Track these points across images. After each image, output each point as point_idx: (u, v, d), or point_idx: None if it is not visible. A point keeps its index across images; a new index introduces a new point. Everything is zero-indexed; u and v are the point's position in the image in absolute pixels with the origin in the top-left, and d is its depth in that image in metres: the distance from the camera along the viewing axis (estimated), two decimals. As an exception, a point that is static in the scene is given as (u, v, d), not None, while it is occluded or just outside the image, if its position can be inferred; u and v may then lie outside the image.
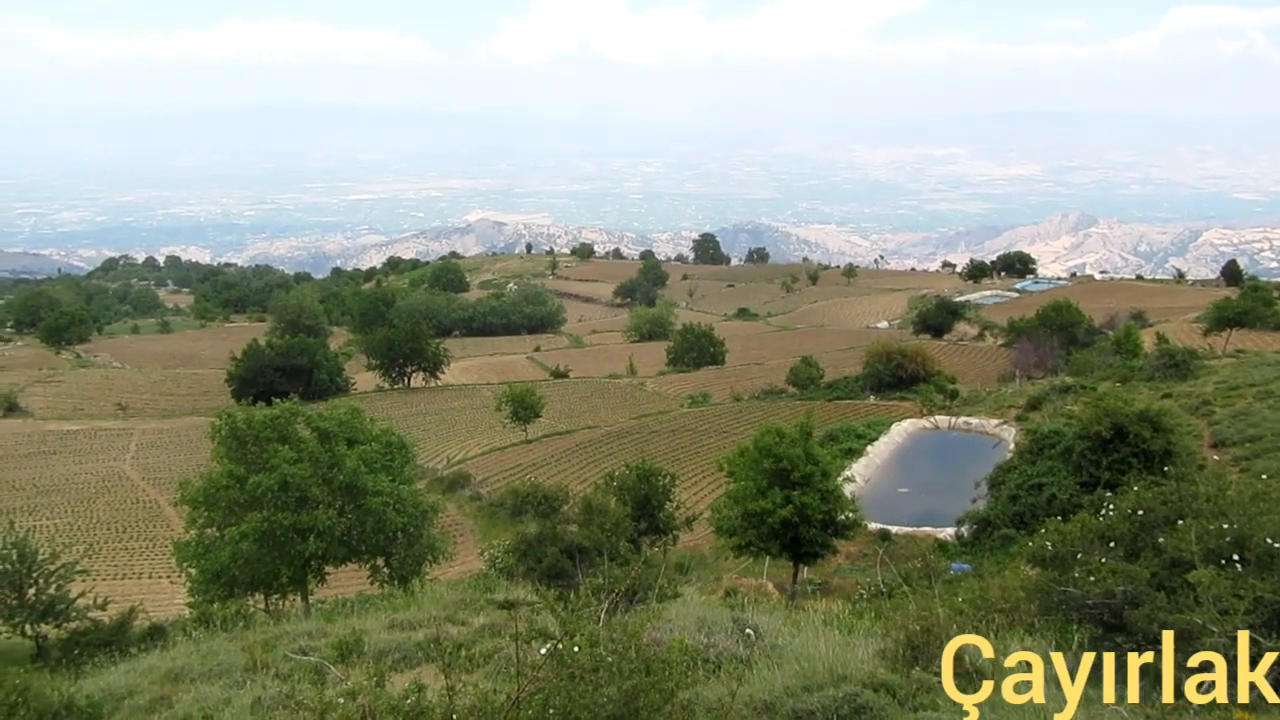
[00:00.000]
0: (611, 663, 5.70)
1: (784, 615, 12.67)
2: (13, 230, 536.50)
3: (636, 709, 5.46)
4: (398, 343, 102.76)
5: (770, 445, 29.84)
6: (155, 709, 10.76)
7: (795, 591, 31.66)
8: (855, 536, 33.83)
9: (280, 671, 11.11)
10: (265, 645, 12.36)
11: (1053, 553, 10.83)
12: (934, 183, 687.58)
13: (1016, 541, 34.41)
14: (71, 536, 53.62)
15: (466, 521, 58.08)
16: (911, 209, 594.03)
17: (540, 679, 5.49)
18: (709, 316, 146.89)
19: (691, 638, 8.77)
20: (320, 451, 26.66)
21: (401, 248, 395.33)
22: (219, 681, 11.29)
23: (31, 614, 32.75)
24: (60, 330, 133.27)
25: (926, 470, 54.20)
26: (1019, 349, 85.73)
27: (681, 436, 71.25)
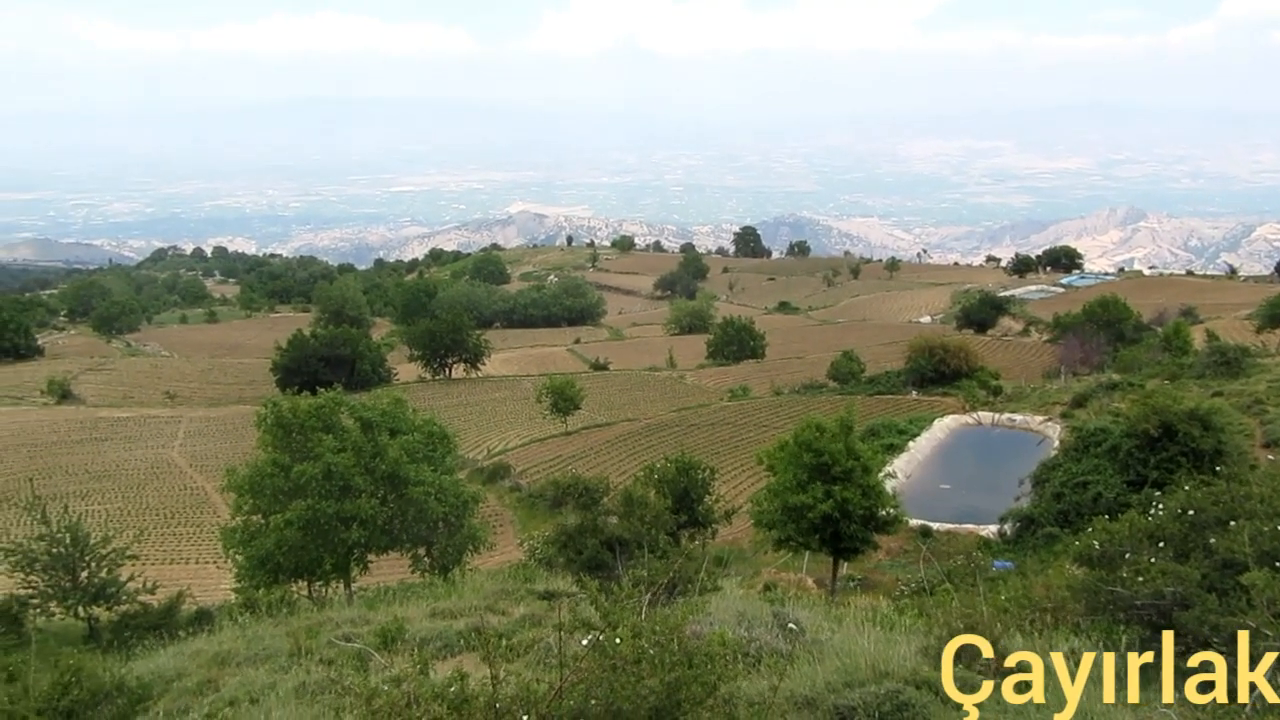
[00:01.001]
0: (653, 655, 5.71)
1: (824, 610, 12.61)
2: (66, 221, 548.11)
3: (678, 701, 5.46)
4: (439, 334, 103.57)
5: (810, 440, 29.65)
6: (203, 691, 10.95)
7: (835, 587, 31.49)
8: (896, 532, 33.50)
9: (324, 657, 11.26)
10: (309, 631, 12.53)
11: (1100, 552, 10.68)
12: (978, 176, 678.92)
13: (1061, 540, 33.98)
14: (122, 521, 54.78)
15: (506, 512, 58.45)
16: (955, 202, 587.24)
17: (583, 670, 5.51)
18: (749, 310, 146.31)
19: (732, 631, 8.76)
20: (363, 441, 26.93)
21: (443, 239, 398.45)
22: (264, 666, 11.47)
23: (84, 596, 33.46)
24: (111, 319, 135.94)
25: (969, 467, 53.63)
26: (1064, 345, 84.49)
27: (721, 430, 71.10)
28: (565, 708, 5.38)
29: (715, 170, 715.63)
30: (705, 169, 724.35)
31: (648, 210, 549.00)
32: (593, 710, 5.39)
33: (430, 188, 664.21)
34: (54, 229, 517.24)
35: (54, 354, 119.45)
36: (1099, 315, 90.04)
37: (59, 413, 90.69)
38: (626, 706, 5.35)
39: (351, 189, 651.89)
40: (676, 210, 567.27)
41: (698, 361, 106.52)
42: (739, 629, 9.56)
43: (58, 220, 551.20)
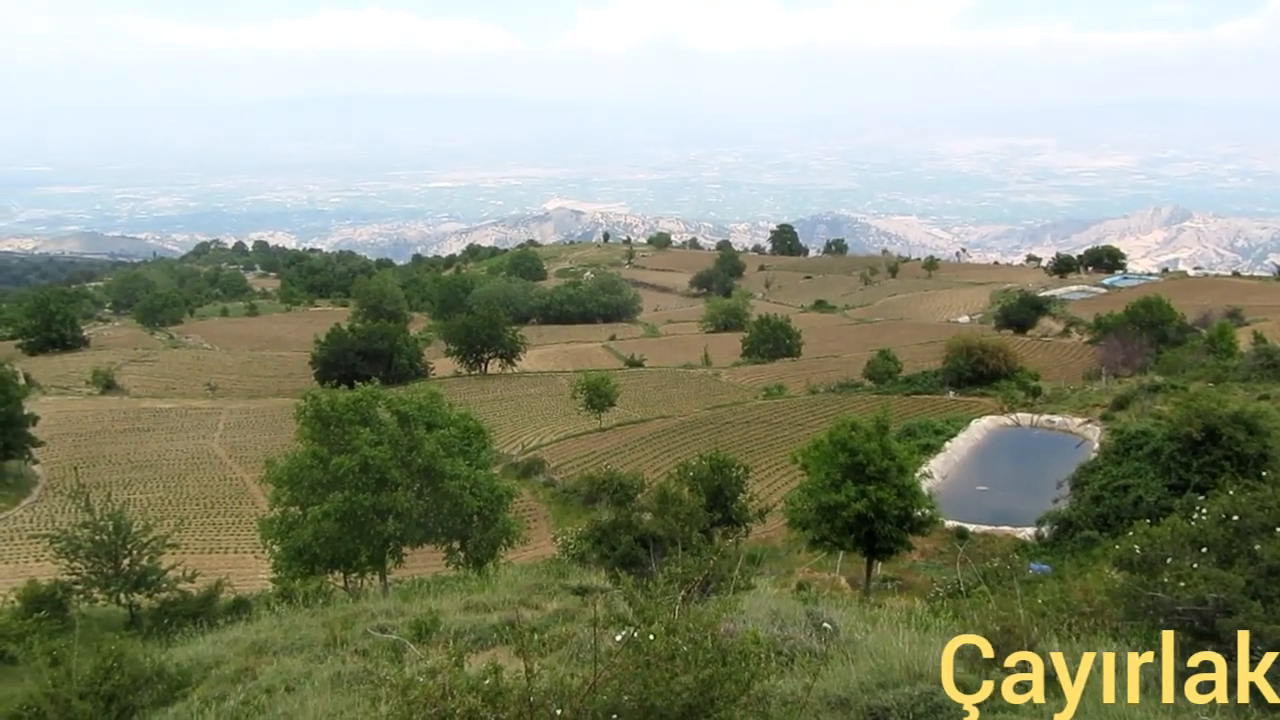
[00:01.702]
0: (687, 652, 5.71)
1: (858, 611, 12.55)
2: (112, 215, 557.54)
3: (712, 699, 5.45)
4: (476, 329, 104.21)
5: (846, 439, 29.50)
6: (240, 679, 11.09)
7: (869, 587, 31.31)
8: (931, 533, 33.25)
9: (359, 648, 11.37)
10: (345, 622, 12.66)
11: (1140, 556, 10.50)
12: (1020, 174, 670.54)
13: (1099, 544, 33.60)
14: (163, 511, 55.68)
15: (540, 507, 58.71)
16: (995, 201, 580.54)
17: (617, 665, 5.52)
18: (785, 308, 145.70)
19: (765, 630, 8.73)
20: (400, 434, 27.15)
21: (480, 235, 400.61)
22: (300, 655, 11.60)
23: (126, 583, 34.08)
24: (155, 312, 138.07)
25: (1006, 468, 53.09)
26: (1106, 346, 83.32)
27: (756, 428, 70.92)
28: (599, 702, 5.40)
29: (752, 168, 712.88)
30: (742, 166, 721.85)
31: (684, 207, 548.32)
32: (626, 706, 5.40)
33: (468, 184, 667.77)
34: (100, 222, 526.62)
35: (99, 345, 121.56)
36: (1142, 316, 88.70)
37: (103, 403, 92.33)
38: (660, 703, 5.35)
39: (391, 185, 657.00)
40: (713, 208, 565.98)
41: (733, 359, 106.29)
42: (772, 628, 9.53)
43: (104, 214, 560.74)
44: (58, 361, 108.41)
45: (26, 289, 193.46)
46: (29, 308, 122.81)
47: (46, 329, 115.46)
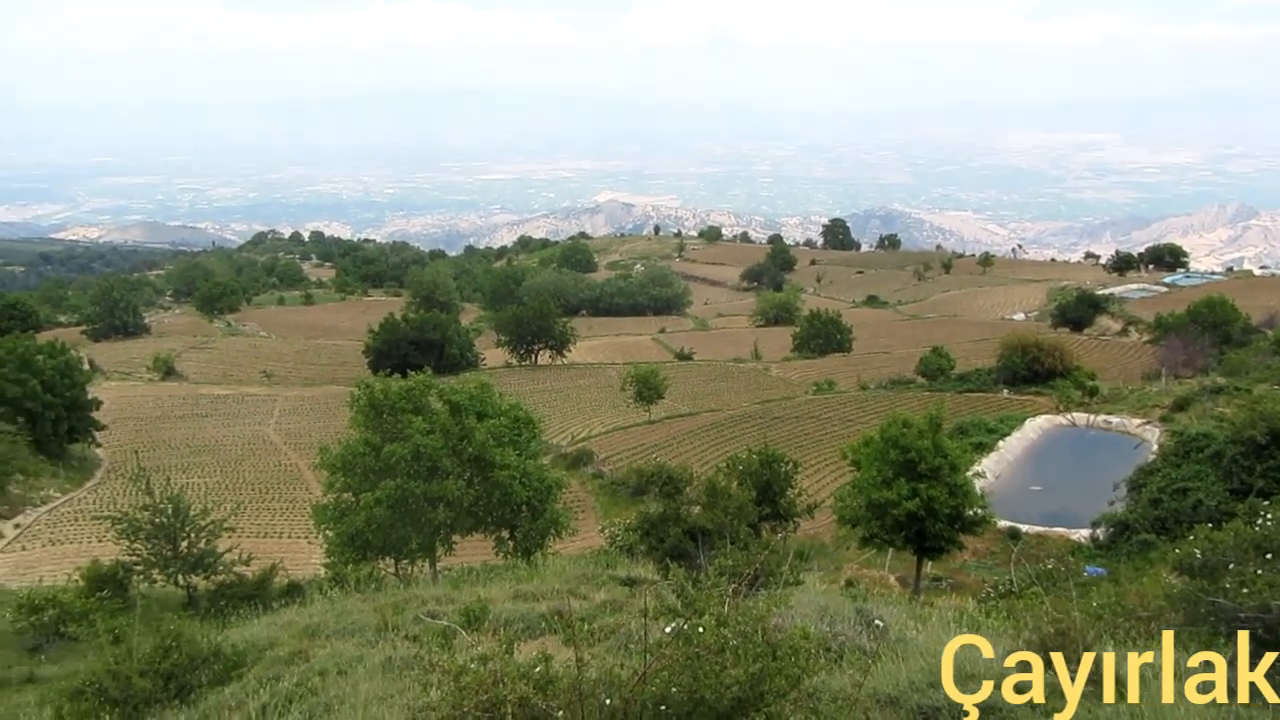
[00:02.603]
0: (736, 645, 5.69)
1: (908, 609, 12.42)
2: (174, 205, 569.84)
3: (761, 693, 5.43)
4: (526, 320, 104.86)
5: (897, 435, 29.22)
6: (294, 661, 11.26)
7: (919, 586, 31.01)
8: (983, 533, 32.81)
9: (410, 633, 11.50)
10: (396, 608, 12.81)
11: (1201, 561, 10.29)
12: (1079, 170, 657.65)
13: (1157, 547, 32.95)
14: (220, 495, 56.75)
15: (588, 498, 58.93)
16: (1053, 197, 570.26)
17: (666, 656, 5.52)
18: (837, 303, 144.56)
19: (814, 626, 8.68)
20: (451, 424, 27.41)
21: (532, 227, 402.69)
22: (352, 639, 11.75)
23: (184, 565, 34.91)
24: (213, 300, 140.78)
25: (1061, 469, 52.24)
26: (1166, 346, 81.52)
27: (805, 423, 70.53)
28: (648, 693, 5.40)
29: (805, 161, 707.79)
30: (795, 160, 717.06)
31: (735, 201, 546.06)
32: (675, 697, 5.40)
33: (520, 176, 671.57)
34: (162, 212, 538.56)
35: (160, 332, 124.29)
36: (1204, 316, 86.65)
37: (163, 388, 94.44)
38: (709, 695, 5.35)
39: (444, 176, 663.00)
40: (765, 201, 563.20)
41: (783, 354, 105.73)
42: (821, 624, 9.47)
43: (166, 203, 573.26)
44: (120, 348, 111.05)
45: (91, 277, 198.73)
46: (94, 295, 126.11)
47: (110, 316, 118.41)
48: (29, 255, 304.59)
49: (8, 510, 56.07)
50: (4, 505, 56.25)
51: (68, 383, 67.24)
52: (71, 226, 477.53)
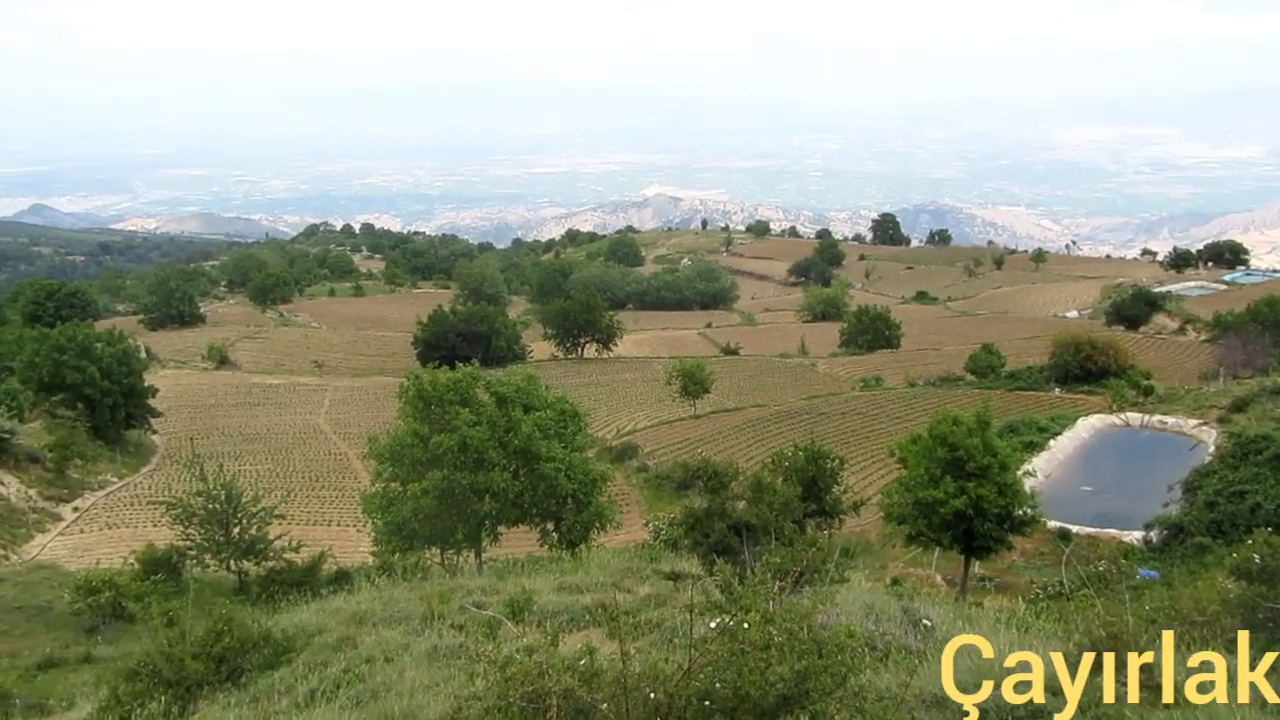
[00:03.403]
0: (782, 642, 5.66)
1: (954, 609, 12.28)
2: (229, 196, 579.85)
3: (807, 690, 5.40)
4: (573, 313, 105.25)
5: (946, 433, 28.87)
6: (341, 648, 11.43)
7: (966, 586, 30.65)
8: (1032, 533, 32.32)
9: (455, 623, 11.61)
10: (442, 597, 12.95)
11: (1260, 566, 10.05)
12: (1137, 164, 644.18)
13: (1212, 551, 32.27)
14: (271, 483, 57.72)
15: (633, 492, 59.01)
16: (1110, 192, 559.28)
17: (711, 652, 5.51)
18: (885, 299, 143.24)
19: (860, 624, 8.62)
20: (498, 415, 27.55)
21: (579, 220, 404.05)
22: (399, 627, 11.90)
23: (235, 550, 35.58)
24: (266, 290, 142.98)
25: (1113, 469, 51.34)
26: (1225, 345, 79.75)
27: (851, 419, 70.03)
28: (692, 688, 5.39)
29: (855, 156, 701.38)
30: (844, 154, 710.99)
31: (784, 195, 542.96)
32: (719, 693, 5.39)
33: (569, 169, 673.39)
34: (218, 203, 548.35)
35: (214, 321, 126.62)
36: (1265, 315, 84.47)
37: (217, 377, 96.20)
38: (754, 692, 5.33)
39: (493, 169, 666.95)
40: (813, 196, 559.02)
41: (830, 349, 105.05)
42: (867, 622, 9.39)
43: (221, 195, 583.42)
44: (176, 337, 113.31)
45: (149, 267, 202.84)
46: (151, 285, 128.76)
47: (166, 305, 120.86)
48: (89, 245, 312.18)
49: (67, 494, 57.50)
50: (63, 489, 57.68)
51: (125, 370, 68.68)
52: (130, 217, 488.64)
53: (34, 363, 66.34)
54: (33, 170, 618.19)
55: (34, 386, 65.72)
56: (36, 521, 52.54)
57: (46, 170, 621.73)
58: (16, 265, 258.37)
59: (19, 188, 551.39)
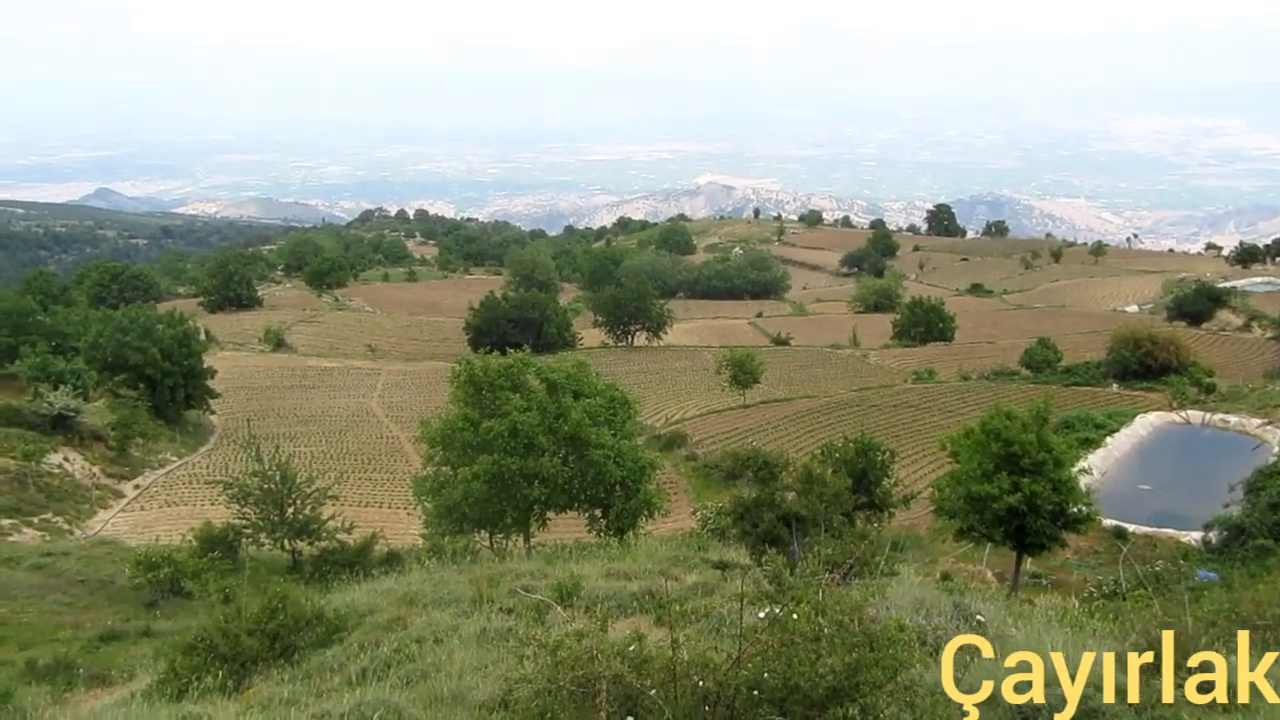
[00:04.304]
0: (832, 634, 5.62)
1: (1006, 606, 12.11)
2: (286, 182, 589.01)
3: (857, 683, 5.36)
4: (624, 301, 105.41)
5: (999, 428, 28.48)
6: (392, 628, 11.58)
7: (1017, 583, 30.25)
8: (1087, 531, 31.80)
9: (504, 606, 11.70)
10: (491, 580, 13.05)
11: (1326, 569, 9.77)
12: (1202, 156, 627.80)
13: (1276, 554, 31.50)
14: (324, 464, 58.55)
15: (680, 480, 58.99)
16: (1173, 184, 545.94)
17: (761, 642, 5.49)
18: (939, 290, 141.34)
19: (910, 619, 8.53)
20: (548, 402, 27.70)
21: (631, 208, 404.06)
22: (449, 609, 12.02)
23: (290, 530, 36.21)
24: (322, 275, 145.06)
25: (1172, 468, 50.39)
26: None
27: (903, 412, 69.34)
28: (741, 677, 5.38)
29: (910, 145, 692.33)
30: (900, 144, 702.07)
31: (838, 185, 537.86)
32: (768, 683, 5.37)
33: (621, 157, 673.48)
34: (276, 189, 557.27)
35: (271, 305, 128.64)
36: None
37: (274, 359, 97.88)
38: (804, 683, 5.30)
39: (546, 157, 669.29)
40: (868, 186, 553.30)
41: (882, 341, 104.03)
42: (917, 616, 9.30)
43: (279, 181, 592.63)
44: (234, 319, 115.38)
45: (208, 250, 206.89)
46: (210, 268, 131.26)
47: (225, 288, 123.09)
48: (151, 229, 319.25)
49: (128, 471, 58.96)
50: (125, 467, 59.15)
51: (185, 352, 70.13)
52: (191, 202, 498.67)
53: (98, 343, 68.02)
54: (98, 155, 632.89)
55: (98, 366, 67.40)
56: (99, 498, 53.98)
57: (111, 155, 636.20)
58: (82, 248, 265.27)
59: (85, 172, 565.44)
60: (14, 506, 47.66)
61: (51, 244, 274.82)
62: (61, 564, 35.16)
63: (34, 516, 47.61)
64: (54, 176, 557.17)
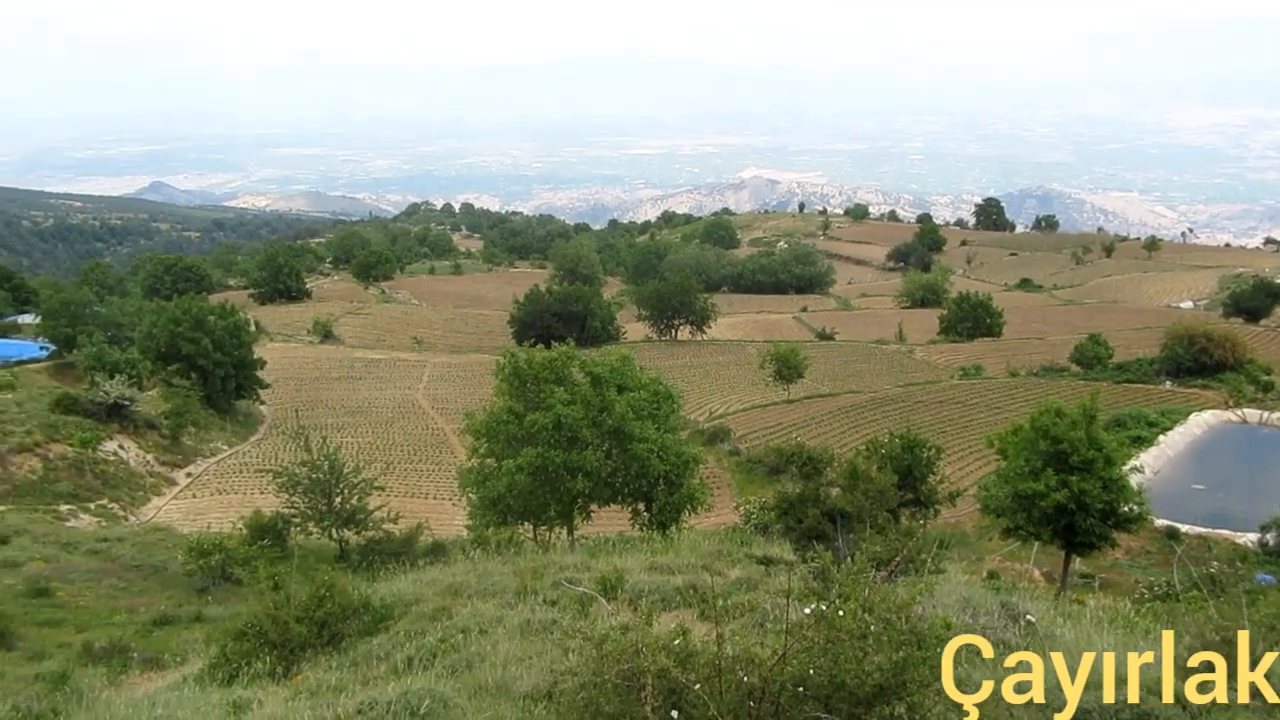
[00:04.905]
0: (878, 631, 5.58)
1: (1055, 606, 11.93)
2: (335, 176, 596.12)
3: (904, 682, 5.31)
4: (667, 295, 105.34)
5: (1048, 425, 28.07)
6: (437, 618, 11.68)
7: (1066, 582, 29.81)
8: (1138, 531, 31.27)
9: (548, 598, 11.75)
10: (535, 572, 13.12)
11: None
12: (1261, 149, 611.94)
13: (1335, 556, 30.69)
14: (371, 455, 59.26)
15: (723, 475, 58.91)
16: (1231, 178, 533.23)
17: (807, 638, 5.46)
18: (987, 285, 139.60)
19: (956, 617, 8.43)
20: (592, 395, 27.80)
21: (675, 202, 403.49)
22: (493, 600, 12.09)
23: (337, 519, 36.71)
24: (369, 268, 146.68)
25: (1228, 468, 49.32)
26: (1354, 341, 75.59)
27: (949, 408, 68.65)
28: (786, 674, 5.35)
29: (959, 138, 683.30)
30: (948, 136, 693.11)
31: (884, 179, 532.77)
32: (814, 680, 5.33)
33: (666, 151, 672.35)
34: (324, 182, 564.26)
35: (319, 297, 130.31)
36: (1400, 309, 79.85)
37: (322, 351, 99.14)
38: (850, 681, 5.25)
39: (590, 151, 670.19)
40: (914, 179, 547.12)
41: (928, 337, 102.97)
42: (963, 615, 9.19)
43: (328, 174, 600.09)
44: (283, 311, 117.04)
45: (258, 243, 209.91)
46: (260, 261, 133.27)
47: (275, 280, 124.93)
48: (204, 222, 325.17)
49: (181, 460, 60.13)
50: (178, 455, 60.34)
51: (236, 342, 71.26)
52: (242, 195, 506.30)
53: (152, 334, 69.38)
54: (152, 149, 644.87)
55: (151, 356, 68.74)
56: (153, 485, 55.14)
57: (165, 149, 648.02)
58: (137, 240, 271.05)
59: (140, 165, 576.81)
60: (72, 492, 48.92)
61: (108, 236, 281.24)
62: (117, 549, 35.96)
63: (90, 502, 48.84)
64: (110, 170, 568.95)
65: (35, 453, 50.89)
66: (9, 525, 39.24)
